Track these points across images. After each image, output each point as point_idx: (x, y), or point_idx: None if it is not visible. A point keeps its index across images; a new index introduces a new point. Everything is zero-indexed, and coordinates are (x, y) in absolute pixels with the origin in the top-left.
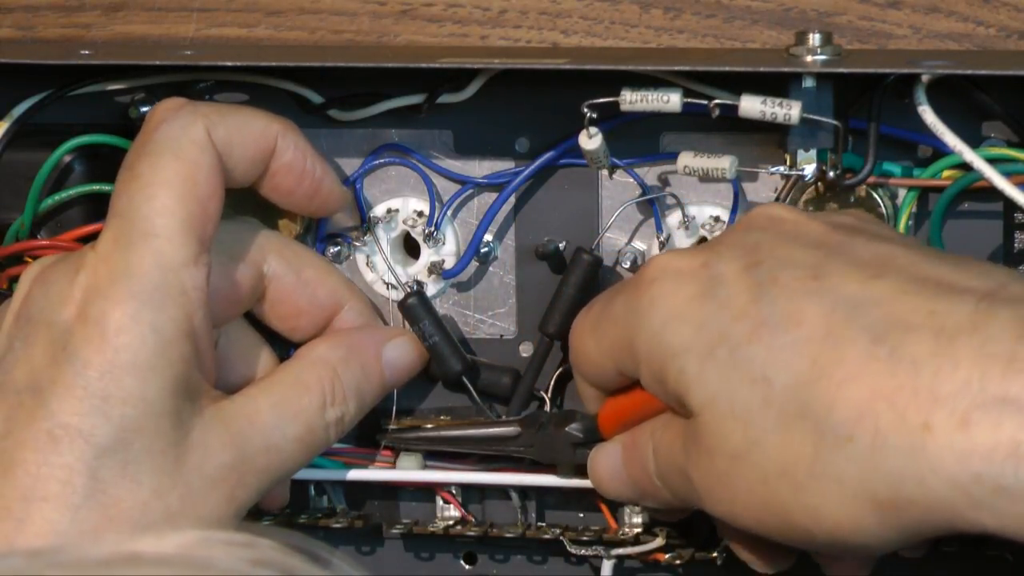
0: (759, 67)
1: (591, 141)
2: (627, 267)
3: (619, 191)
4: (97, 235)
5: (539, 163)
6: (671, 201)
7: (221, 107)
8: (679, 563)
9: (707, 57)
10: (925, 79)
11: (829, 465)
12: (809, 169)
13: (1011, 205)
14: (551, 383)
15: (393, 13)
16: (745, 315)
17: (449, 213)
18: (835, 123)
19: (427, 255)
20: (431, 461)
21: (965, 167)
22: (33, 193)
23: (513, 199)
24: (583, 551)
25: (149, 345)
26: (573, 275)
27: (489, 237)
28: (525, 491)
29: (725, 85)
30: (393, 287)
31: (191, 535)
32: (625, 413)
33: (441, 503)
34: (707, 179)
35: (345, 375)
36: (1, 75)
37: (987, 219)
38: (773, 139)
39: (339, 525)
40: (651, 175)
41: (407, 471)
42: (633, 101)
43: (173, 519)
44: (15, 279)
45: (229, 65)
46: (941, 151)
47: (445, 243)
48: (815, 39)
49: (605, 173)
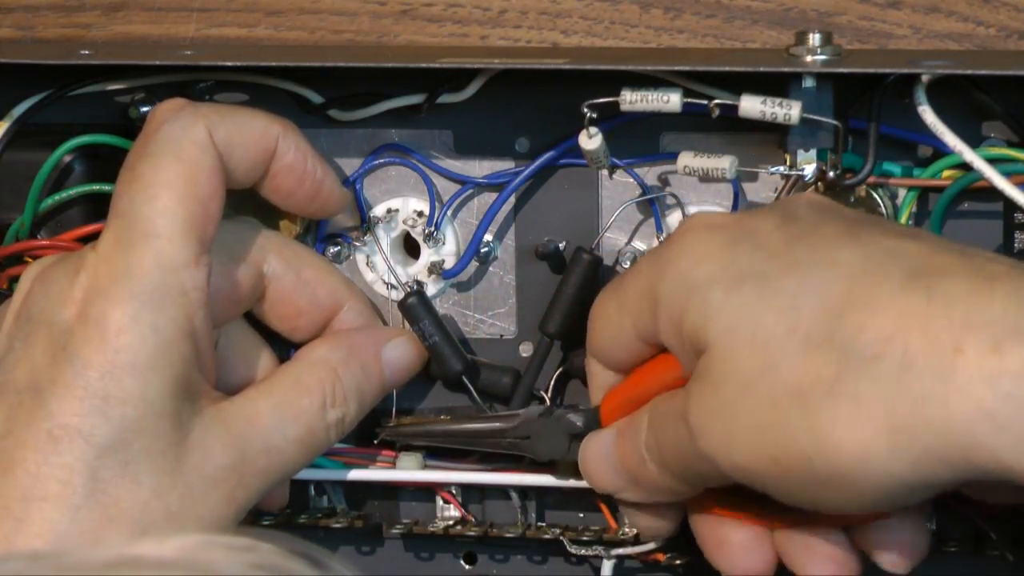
0: (759, 67)
1: (591, 141)
2: (627, 267)
3: (619, 191)
4: (97, 235)
5: (539, 163)
6: (671, 201)
7: (222, 108)
8: (679, 563)
9: (707, 57)
10: (925, 79)
11: (850, 385)
12: (809, 169)
13: (1011, 205)
14: (551, 383)
15: (393, 13)
16: (778, 256)
17: (449, 213)
18: (835, 123)
19: (427, 255)
20: (431, 460)
21: (965, 167)
22: (33, 193)
23: (513, 199)
24: (583, 551)
25: (149, 345)
26: (573, 275)
27: (489, 237)
28: (525, 491)
29: (725, 85)
30: (393, 287)
31: (192, 539)
32: (627, 400)
33: (441, 503)
34: (707, 179)
35: (345, 376)
36: (1, 75)
37: (987, 219)
38: (773, 139)
39: (339, 525)
40: (651, 175)
41: (407, 471)
42: (633, 101)
43: (173, 519)
44: (15, 279)
45: (229, 65)
46: (941, 151)
47: (445, 243)
48: (815, 39)
49: (605, 173)
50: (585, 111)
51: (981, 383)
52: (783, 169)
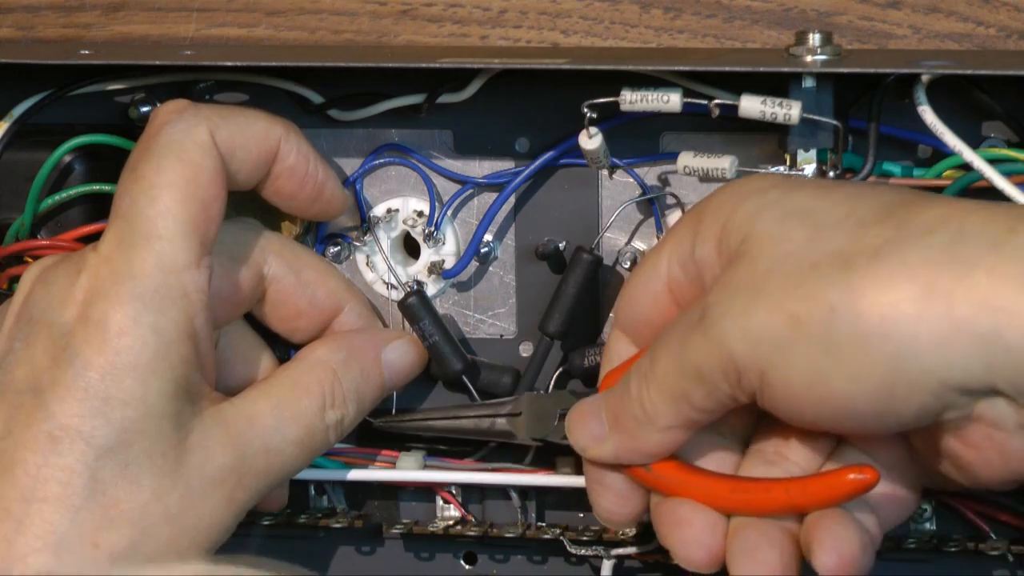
0: (759, 67)
1: (591, 141)
2: (627, 267)
3: (619, 191)
4: (97, 235)
5: (539, 163)
6: (671, 201)
7: (224, 110)
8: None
9: (707, 57)
10: (925, 79)
11: (898, 250)
12: (809, 169)
13: None
14: (551, 383)
15: (393, 13)
16: (837, 182)
17: (449, 213)
18: (835, 123)
19: (427, 255)
20: (431, 460)
21: (965, 167)
22: (33, 193)
23: (513, 199)
24: (583, 551)
25: (150, 347)
26: (573, 275)
27: (489, 237)
28: (525, 491)
29: (725, 85)
30: (393, 287)
31: (197, 567)
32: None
33: (441, 503)
34: (707, 179)
35: (344, 377)
36: (1, 75)
37: None
38: (773, 139)
39: (339, 525)
40: (651, 175)
41: (407, 471)
42: (633, 101)
43: (172, 521)
44: (15, 279)
45: (229, 65)
46: (941, 151)
47: (445, 243)
48: (815, 39)
49: (605, 173)
50: (585, 111)
51: None
52: (783, 169)
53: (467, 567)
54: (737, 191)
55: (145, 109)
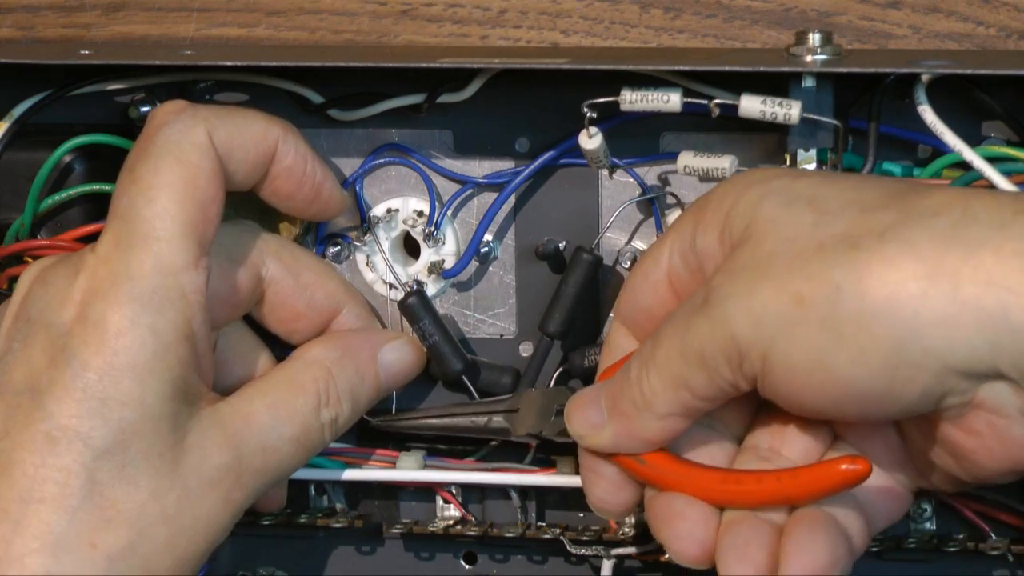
0: (759, 67)
1: (591, 141)
2: (627, 267)
3: (619, 191)
4: (97, 235)
5: (539, 163)
6: (671, 201)
7: (222, 110)
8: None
9: (707, 57)
10: (925, 79)
11: (905, 231)
12: (809, 168)
13: None
14: (551, 383)
15: (393, 13)
16: (842, 174)
17: (449, 213)
18: (835, 123)
19: (427, 255)
20: (431, 460)
21: (965, 167)
22: (33, 193)
23: (513, 199)
24: (583, 551)
25: (148, 348)
26: (573, 275)
27: (489, 237)
28: (525, 491)
29: (725, 85)
30: (393, 287)
31: None
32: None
33: (441, 503)
34: (707, 179)
35: (339, 377)
36: (1, 75)
37: None
38: (773, 139)
39: (339, 525)
40: (651, 175)
41: (407, 471)
42: (633, 101)
43: (170, 521)
44: (15, 279)
45: (229, 65)
46: (941, 151)
47: (445, 243)
48: (815, 39)
49: (605, 173)
50: (585, 111)
51: None
52: None
53: (467, 567)
54: (741, 181)
55: (145, 109)
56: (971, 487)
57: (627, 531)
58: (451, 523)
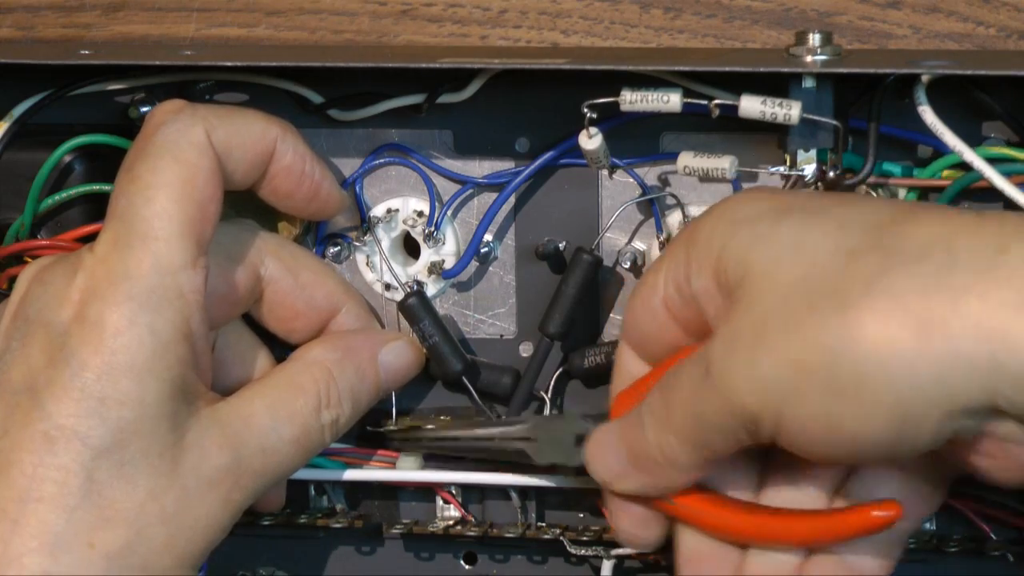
0: (759, 67)
1: (591, 141)
2: (627, 267)
3: (619, 191)
4: (97, 235)
5: (539, 163)
6: (671, 201)
7: (220, 110)
8: None
9: (707, 57)
10: (925, 79)
11: (890, 281)
12: (809, 169)
13: (1011, 205)
14: (551, 383)
15: (393, 13)
16: (823, 196)
17: (449, 213)
18: (835, 123)
19: (427, 255)
20: (431, 461)
21: (965, 167)
22: (33, 193)
23: (513, 199)
24: (583, 551)
25: (146, 347)
26: (573, 275)
27: (489, 237)
28: (525, 491)
29: (725, 85)
30: (393, 287)
31: None
32: (640, 398)
33: (441, 503)
34: (707, 179)
35: (340, 377)
36: (1, 75)
37: None
38: (773, 139)
39: (339, 525)
40: (651, 175)
41: (407, 471)
42: (633, 101)
43: (168, 521)
44: (15, 279)
45: (229, 65)
46: (941, 151)
47: (445, 243)
48: (815, 39)
49: (605, 173)
50: (585, 111)
51: (1022, 279)
52: (783, 169)
53: (467, 567)
54: (727, 215)
55: (145, 109)
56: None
57: None
58: (451, 523)
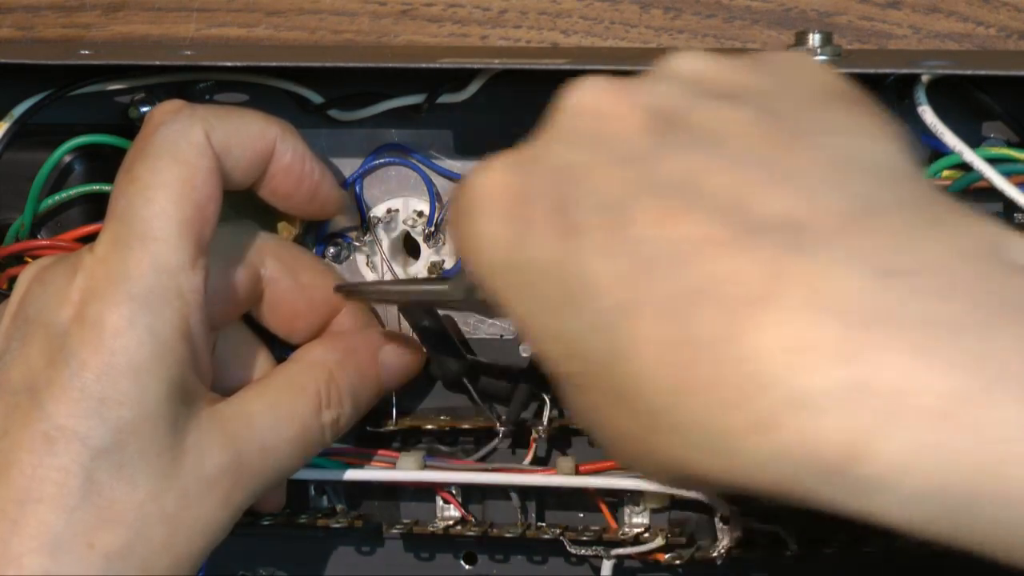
0: None
1: None
2: None
3: None
4: (97, 235)
5: None
6: None
7: (220, 110)
8: (679, 563)
9: None
10: (925, 79)
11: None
12: None
13: (1011, 205)
14: (552, 383)
15: (393, 13)
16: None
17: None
18: None
19: (427, 255)
20: (431, 460)
21: (965, 167)
22: (33, 193)
23: None
24: (583, 551)
25: (145, 348)
26: None
27: None
28: (525, 491)
29: None
30: None
31: None
32: None
33: (441, 503)
34: None
35: (340, 377)
36: (1, 75)
37: None
38: None
39: (339, 525)
40: None
41: (407, 471)
42: None
43: (168, 522)
44: (15, 279)
45: (229, 65)
46: (941, 151)
47: (445, 243)
48: (815, 39)
49: None
50: None
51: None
52: None
53: (467, 567)
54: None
55: (145, 109)
56: None
57: (627, 531)
58: (451, 523)
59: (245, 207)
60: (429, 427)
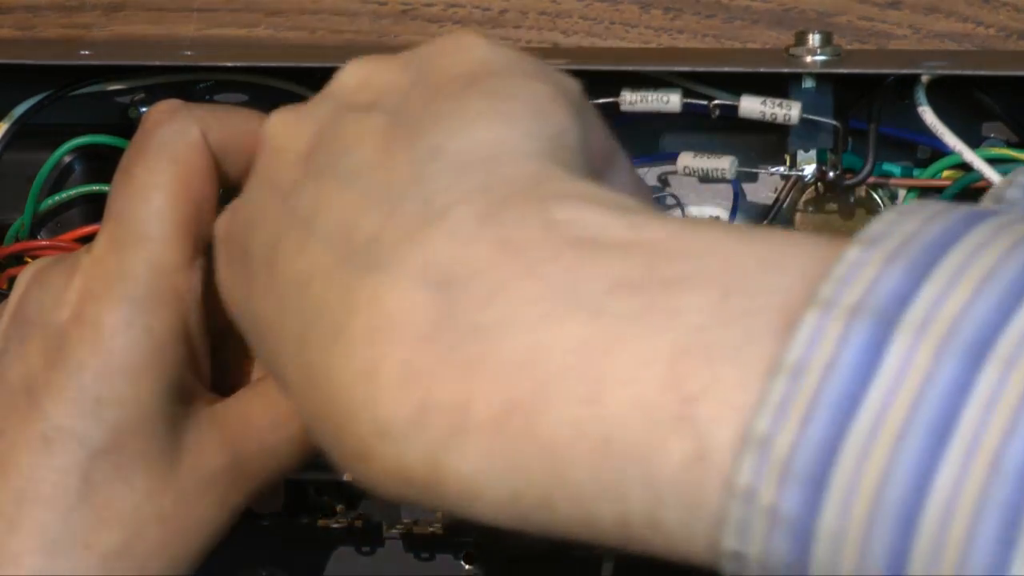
0: (759, 67)
1: None
2: None
3: None
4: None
5: None
6: (671, 201)
7: (216, 109)
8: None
9: (707, 57)
10: (925, 79)
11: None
12: (809, 169)
13: None
14: None
15: (393, 13)
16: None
17: None
18: (835, 123)
19: None
20: None
21: (965, 167)
22: (33, 193)
23: None
24: (583, 551)
25: (143, 348)
26: None
27: None
28: None
29: (725, 85)
30: None
31: None
32: None
33: None
34: (707, 179)
35: None
36: (1, 75)
37: None
38: (773, 139)
39: (339, 525)
40: (651, 175)
41: None
42: (633, 101)
43: (166, 522)
44: (15, 279)
45: (229, 65)
46: (941, 151)
47: None
48: (815, 39)
49: None
50: None
51: None
52: (783, 169)
53: (467, 567)
54: None
55: (145, 109)
56: None
57: None
58: (451, 523)
59: None
60: None
